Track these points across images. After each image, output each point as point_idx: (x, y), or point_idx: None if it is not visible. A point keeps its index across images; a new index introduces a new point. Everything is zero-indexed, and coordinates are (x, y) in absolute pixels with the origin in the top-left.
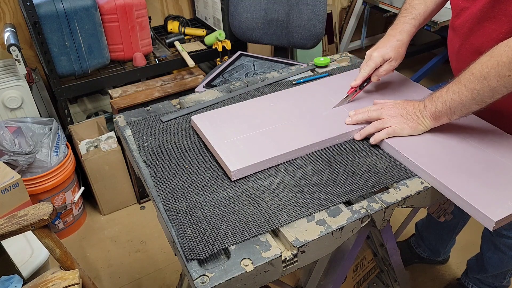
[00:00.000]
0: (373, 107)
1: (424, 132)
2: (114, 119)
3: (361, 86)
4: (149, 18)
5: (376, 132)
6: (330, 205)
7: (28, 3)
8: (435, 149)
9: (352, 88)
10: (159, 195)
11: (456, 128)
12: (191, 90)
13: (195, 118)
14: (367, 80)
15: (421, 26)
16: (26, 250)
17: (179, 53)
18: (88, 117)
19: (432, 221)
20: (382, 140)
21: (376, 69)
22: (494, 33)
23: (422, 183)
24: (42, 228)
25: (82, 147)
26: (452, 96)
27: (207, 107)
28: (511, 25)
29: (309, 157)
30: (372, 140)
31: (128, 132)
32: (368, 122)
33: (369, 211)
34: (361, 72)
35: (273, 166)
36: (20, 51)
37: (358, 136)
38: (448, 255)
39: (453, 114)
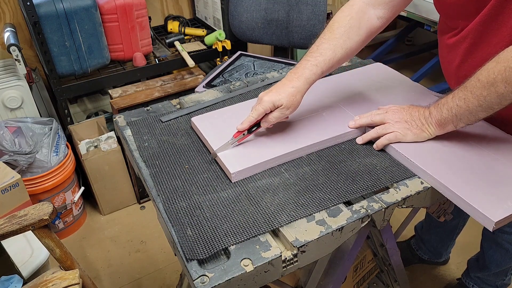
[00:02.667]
0: (377, 111)
1: None
2: (114, 119)
3: (250, 130)
4: (149, 18)
5: (379, 137)
6: (330, 205)
7: (28, 3)
8: (435, 149)
9: (238, 131)
10: (159, 195)
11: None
12: (191, 90)
13: (195, 120)
14: (257, 124)
15: (325, 74)
16: (26, 250)
17: (179, 53)
18: (88, 117)
19: (432, 223)
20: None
21: (266, 114)
22: (498, 45)
23: (422, 183)
24: (42, 228)
25: (82, 147)
26: (458, 103)
27: (207, 107)
28: None
29: (309, 157)
30: (375, 146)
31: (128, 132)
32: (372, 126)
33: (369, 211)
34: (248, 116)
35: (273, 166)
36: (20, 51)
37: (360, 140)
38: (448, 256)
39: (459, 121)
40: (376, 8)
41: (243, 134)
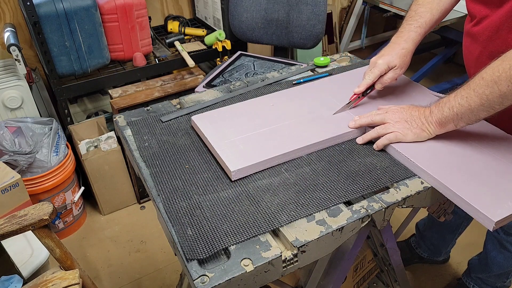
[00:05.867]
0: (378, 111)
1: None
2: (114, 119)
3: (364, 93)
4: (149, 18)
5: (379, 137)
6: (330, 205)
7: (28, 3)
8: (435, 149)
9: (355, 94)
10: (159, 195)
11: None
12: (191, 90)
13: (195, 118)
14: (371, 87)
15: (426, 34)
16: (26, 250)
17: (179, 53)
18: (88, 117)
19: (435, 221)
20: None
21: (381, 76)
22: None
23: (422, 183)
24: (42, 228)
25: (82, 147)
26: (460, 102)
27: (207, 107)
28: None
29: (309, 157)
30: (375, 147)
31: (128, 132)
32: (372, 126)
33: (369, 211)
34: (365, 79)
35: (273, 166)
36: (20, 51)
37: (360, 140)
38: (448, 255)
39: (460, 120)
40: None
41: (358, 97)
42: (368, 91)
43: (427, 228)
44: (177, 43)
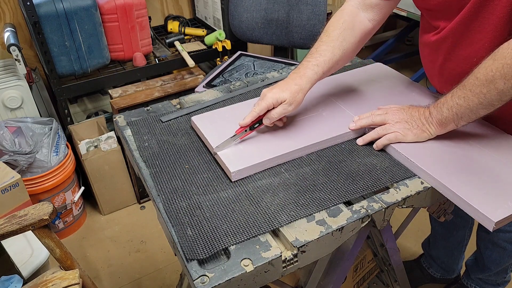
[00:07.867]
0: (378, 112)
1: None
2: (114, 119)
3: (251, 127)
4: (149, 18)
5: (379, 137)
6: (330, 205)
7: (28, 3)
8: (435, 149)
9: (241, 127)
10: (159, 195)
11: (456, 129)
12: (191, 90)
13: (195, 119)
14: (260, 121)
15: (327, 74)
16: (26, 250)
17: (179, 53)
18: (88, 117)
19: (438, 238)
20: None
21: (269, 111)
22: (480, 41)
23: (422, 183)
24: (42, 228)
25: (82, 147)
26: (458, 101)
27: (207, 107)
28: (495, 33)
29: (309, 157)
30: (375, 146)
31: (128, 132)
32: (372, 127)
33: (369, 211)
34: (251, 111)
35: (273, 166)
36: (20, 51)
37: (360, 141)
38: (459, 272)
39: (460, 120)
40: (366, 11)
41: (245, 131)
42: (256, 125)
43: (432, 247)
44: (177, 43)
